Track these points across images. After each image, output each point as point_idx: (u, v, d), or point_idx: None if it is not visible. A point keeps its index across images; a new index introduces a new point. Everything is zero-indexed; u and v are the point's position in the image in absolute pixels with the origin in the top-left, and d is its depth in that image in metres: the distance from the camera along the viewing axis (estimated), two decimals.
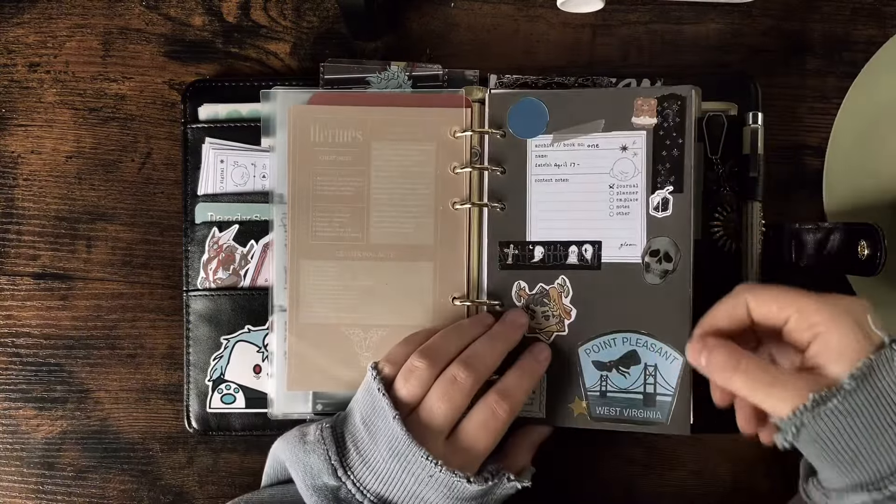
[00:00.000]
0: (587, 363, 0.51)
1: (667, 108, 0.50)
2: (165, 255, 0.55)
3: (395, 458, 0.45)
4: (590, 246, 0.51)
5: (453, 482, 0.44)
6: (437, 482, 0.44)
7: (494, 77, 0.54)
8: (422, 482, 0.44)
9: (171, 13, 0.56)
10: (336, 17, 0.56)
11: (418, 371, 0.46)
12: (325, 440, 0.46)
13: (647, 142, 0.50)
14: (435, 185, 0.52)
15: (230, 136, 0.54)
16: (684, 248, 0.50)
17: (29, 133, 0.56)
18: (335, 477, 0.45)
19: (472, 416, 0.46)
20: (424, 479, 0.44)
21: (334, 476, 0.45)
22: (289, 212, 0.52)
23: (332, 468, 0.45)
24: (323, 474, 0.45)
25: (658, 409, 0.50)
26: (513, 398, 0.47)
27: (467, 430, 0.46)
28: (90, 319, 0.55)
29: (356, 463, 0.45)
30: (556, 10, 0.54)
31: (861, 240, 0.49)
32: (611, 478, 0.55)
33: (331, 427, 0.46)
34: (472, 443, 0.46)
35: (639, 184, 0.51)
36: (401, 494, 0.45)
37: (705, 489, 0.55)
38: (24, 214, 0.56)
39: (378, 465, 0.45)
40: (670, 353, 0.50)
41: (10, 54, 0.56)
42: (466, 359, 0.47)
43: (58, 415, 0.55)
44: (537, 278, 0.52)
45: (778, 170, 0.55)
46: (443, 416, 0.45)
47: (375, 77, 0.53)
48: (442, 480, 0.44)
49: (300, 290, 0.52)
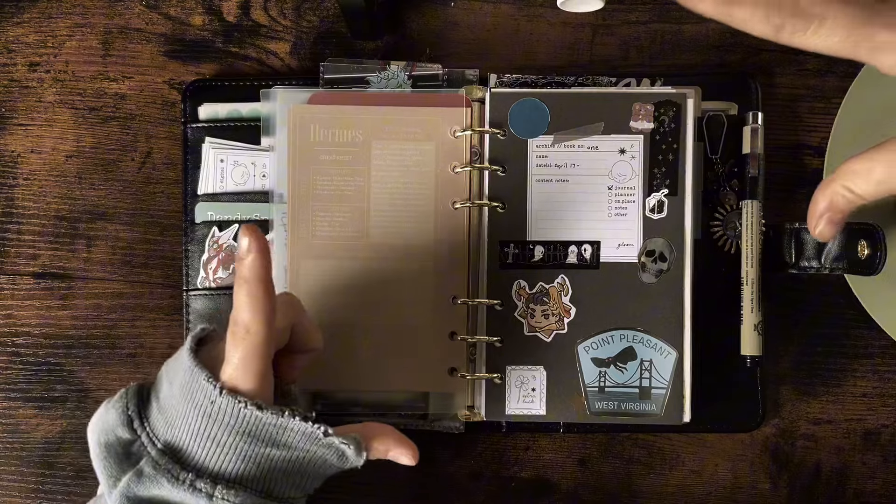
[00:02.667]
0: (586, 360, 0.52)
1: (663, 114, 0.51)
2: (165, 255, 0.55)
3: (183, 393, 0.40)
4: (589, 246, 0.52)
5: (238, 409, 0.39)
6: (221, 411, 0.39)
7: (494, 77, 0.54)
8: (206, 414, 0.39)
9: (171, 13, 0.56)
10: (336, 17, 0.56)
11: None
12: (127, 394, 0.42)
13: (644, 146, 0.52)
14: (435, 185, 0.52)
15: (230, 135, 0.54)
16: (679, 249, 0.52)
17: (29, 132, 0.56)
18: (130, 429, 0.41)
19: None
20: (207, 408, 0.39)
21: (129, 428, 0.41)
22: (289, 212, 0.52)
23: (127, 419, 0.41)
24: (117, 428, 0.41)
25: (653, 402, 0.52)
26: (240, 317, 0.40)
27: (229, 357, 0.40)
28: (90, 319, 0.55)
29: (154, 413, 0.41)
30: (556, 9, 0.54)
31: (861, 240, 0.49)
32: (611, 478, 0.55)
33: (137, 385, 0.43)
34: (238, 374, 0.40)
35: (636, 186, 0.52)
36: (187, 436, 0.40)
37: (705, 489, 0.55)
38: (24, 214, 0.56)
39: (169, 408, 0.41)
40: (664, 349, 0.52)
41: (10, 54, 0.56)
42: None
43: (58, 414, 0.55)
44: (537, 277, 0.52)
45: (778, 170, 0.55)
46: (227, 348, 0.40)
47: (375, 77, 0.53)
48: (225, 408, 0.39)
49: (300, 290, 0.52)
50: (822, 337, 0.55)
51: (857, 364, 0.55)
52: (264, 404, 0.40)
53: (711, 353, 0.53)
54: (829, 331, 0.55)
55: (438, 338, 0.52)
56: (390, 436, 0.45)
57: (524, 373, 0.52)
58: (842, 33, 0.31)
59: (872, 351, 0.55)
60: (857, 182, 0.37)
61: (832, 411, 0.55)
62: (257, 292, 0.40)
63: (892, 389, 0.55)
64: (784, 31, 0.31)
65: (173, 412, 0.40)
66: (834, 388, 0.55)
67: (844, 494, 0.55)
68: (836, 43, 0.31)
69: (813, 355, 0.55)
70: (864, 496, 0.55)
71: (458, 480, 0.55)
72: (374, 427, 0.45)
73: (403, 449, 0.45)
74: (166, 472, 0.39)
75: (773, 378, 0.55)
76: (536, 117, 0.52)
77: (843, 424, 0.55)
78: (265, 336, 0.40)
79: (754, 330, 0.52)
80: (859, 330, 0.55)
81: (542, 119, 0.52)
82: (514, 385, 0.52)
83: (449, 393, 0.52)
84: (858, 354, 0.55)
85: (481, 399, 0.52)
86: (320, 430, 0.41)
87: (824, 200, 0.39)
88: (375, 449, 0.44)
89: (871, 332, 0.55)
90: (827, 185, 0.39)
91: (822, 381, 0.55)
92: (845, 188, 0.38)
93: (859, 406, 0.55)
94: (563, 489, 0.55)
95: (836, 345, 0.55)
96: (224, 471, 0.40)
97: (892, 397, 0.55)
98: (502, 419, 0.53)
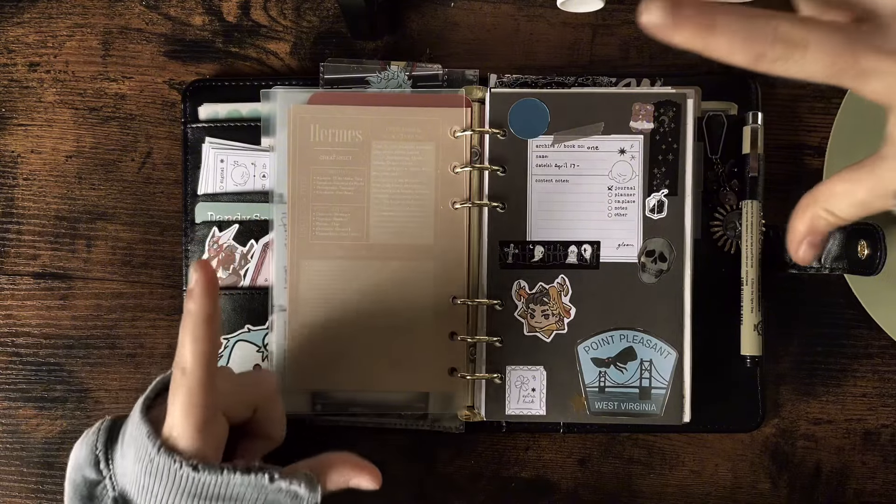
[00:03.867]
0: (586, 360, 0.52)
1: (663, 114, 0.51)
2: (165, 255, 0.55)
3: (132, 442, 0.39)
4: (589, 246, 0.52)
5: (174, 470, 0.38)
6: (159, 469, 0.38)
7: (494, 77, 0.54)
8: (147, 471, 0.38)
9: (171, 13, 0.56)
10: (336, 17, 0.56)
11: None
12: (100, 430, 0.41)
13: (644, 146, 0.52)
14: (435, 185, 0.52)
15: (230, 135, 0.54)
16: (678, 249, 0.52)
17: (29, 133, 0.56)
18: (97, 470, 0.40)
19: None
20: (147, 465, 0.38)
21: (96, 469, 0.40)
22: (289, 212, 0.52)
23: (95, 459, 0.40)
24: (85, 468, 0.40)
25: (653, 402, 0.52)
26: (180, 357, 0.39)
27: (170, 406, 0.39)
28: (90, 319, 0.55)
29: (118, 455, 0.40)
30: (556, 9, 0.54)
31: (861, 240, 0.49)
32: (611, 478, 0.55)
33: (112, 419, 0.42)
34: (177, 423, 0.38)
35: (636, 186, 0.52)
36: (135, 489, 0.39)
37: (705, 489, 0.55)
38: (24, 214, 0.56)
39: (125, 455, 0.40)
40: (664, 349, 0.52)
41: (10, 54, 0.56)
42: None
43: (58, 414, 0.55)
44: (537, 277, 0.52)
45: (778, 170, 0.55)
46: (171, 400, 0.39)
47: (375, 77, 0.53)
48: (162, 467, 0.38)
49: (300, 290, 0.52)
50: (822, 337, 0.55)
51: (857, 364, 0.55)
52: (201, 464, 0.38)
53: (711, 353, 0.53)
54: (829, 331, 0.55)
55: (438, 338, 0.52)
56: (346, 464, 0.44)
57: (524, 373, 0.52)
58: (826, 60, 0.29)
59: (872, 351, 0.55)
60: (839, 205, 0.35)
61: (832, 411, 0.55)
62: (198, 330, 0.39)
63: (892, 389, 0.55)
64: (765, 59, 0.29)
65: (126, 461, 0.40)
66: (834, 388, 0.55)
67: (844, 494, 0.55)
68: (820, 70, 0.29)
69: (813, 355, 0.55)
70: (864, 496, 0.55)
71: (458, 480, 0.55)
72: (329, 458, 0.44)
73: (364, 474, 0.44)
74: None
75: (773, 378, 0.55)
76: (536, 117, 0.52)
77: (843, 424, 0.55)
78: (201, 378, 0.39)
79: (754, 330, 0.52)
80: (859, 330, 0.55)
81: (542, 119, 0.52)
82: (514, 385, 0.52)
83: (449, 393, 0.52)
84: (858, 354, 0.55)
85: (481, 399, 0.52)
86: (265, 478, 0.39)
87: (804, 224, 0.37)
88: (333, 480, 0.43)
89: (871, 332, 0.55)
90: (806, 208, 0.37)
91: (822, 381, 0.55)
92: (827, 211, 0.36)
93: (859, 406, 0.55)
94: (563, 489, 0.55)
95: (836, 345, 0.55)
96: None
97: (892, 397, 0.55)
98: (502, 419, 0.53)
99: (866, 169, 0.34)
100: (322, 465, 0.43)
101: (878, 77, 0.30)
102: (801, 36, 0.29)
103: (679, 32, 0.29)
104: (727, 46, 0.29)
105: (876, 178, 0.33)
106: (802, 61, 0.29)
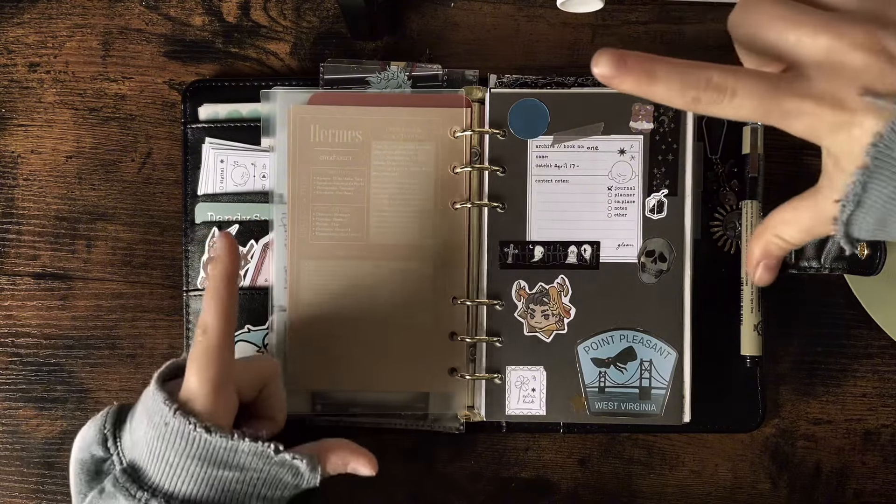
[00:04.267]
0: (586, 360, 0.52)
1: (663, 114, 0.51)
2: (165, 255, 0.56)
3: (144, 412, 0.41)
4: (589, 246, 0.52)
5: (188, 432, 0.39)
6: (173, 433, 0.40)
7: (494, 77, 0.54)
8: (161, 437, 0.40)
9: (171, 13, 0.56)
10: (336, 17, 0.56)
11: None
12: (108, 413, 0.43)
13: (644, 146, 0.52)
14: (435, 185, 0.52)
15: (230, 136, 0.54)
16: (678, 249, 0.52)
17: (29, 133, 0.56)
18: (104, 447, 0.42)
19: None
20: (162, 430, 0.40)
21: (103, 447, 0.42)
22: (289, 212, 0.52)
23: (102, 438, 0.42)
24: (93, 445, 0.42)
25: (653, 402, 0.52)
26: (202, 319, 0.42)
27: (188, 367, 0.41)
28: (90, 319, 0.55)
29: (126, 433, 0.42)
30: (556, 10, 0.54)
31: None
32: (611, 478, 0.55)
33: (119, 405, 0.44)
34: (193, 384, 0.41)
35: (635, 186, 0.52)
36: (146, 456, 0.41)
37: (705, 489, 0.55)
38: (24, 214, 0.56)
39: (136, 429, 0.42)
40: (664, 349, 0.52)
41: (10, 54, 0.56)
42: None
43: (58, 415, 0.55)
44: (537, 277, 0.52)
45: (778, 170, 0.55)
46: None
47: (375, 77, 0.54)
48: (176, 430, 0.39)
49: (300, 291, 0.52)
50: (822, 337, 0.55)
51: (857, 364, 0.55)
52: (214, 427, 0.40)
53: (711, 353, 0.53)
54: (829, 331, 0.55)
55: (438, 338, 0.52)
56: (346, 448, 0.45)
57: (524, 373, 0.52)
58: (753, 103, 0.33)
59: (872, 351, 0.55)
60: (788, 231, 0.39)
61: (832, 411, 0.55)
62: (220, 288, 0.42)
63: (892, 389, 0.55)
64: (700, 103, 0.33)
65: (137, 433, 0.41)
66: (834, 388, 0.55)
67: (844, 494, 0.55)
68: (749, 112, 0.33)
69: (813, 355, 0.55)
70: (864, 496, 0.55)
71: (458, 480, 0.55)
72: (329, 442, 0.46)
73: (361, 459, 0.45)
74: (124, 489, 0.40)
75: (773, 378, 0.55)
76: (536, 117, 0.52)
77: (843, 424, 0.55)
78: (221, 334, 0.41)
79: (754, 330, 0.52)
80: (859, 330, 0.55)
81: (541, 119, 0.52)
82: (514, 385, 0.52)
83: (449, 393, 0.52)
84: (858, 354, 0.55)
85: (481, 399, 0.52)
86: (270, 448, 0.41)
87: (758, 249, 0.40)
88: (332, 463, 0.45)
89: (871, 332, 0.55)
90: (760, 234, 0.40)
91: (822, 381, 0.55)
92: (777, 237, 0.39)
93: (859, 406, 0.55)
94: (563, 489, 0.55)
95: (836, 345, 0.55)
96: (178, 492, 0.40)
97: (892, 397, 0.55)
98: (502, 419, 0.53)
99: (808, 199, 0.37)
100: (322, 448, 0.45)
101: (799, 117, 0.33)
102: (730, 83, 0.33)
103: (624, 81, 0.33)
104: (666, 92, 0.33)
105: (817, 207, 0.37)
106: (732, 104, 0.33)
